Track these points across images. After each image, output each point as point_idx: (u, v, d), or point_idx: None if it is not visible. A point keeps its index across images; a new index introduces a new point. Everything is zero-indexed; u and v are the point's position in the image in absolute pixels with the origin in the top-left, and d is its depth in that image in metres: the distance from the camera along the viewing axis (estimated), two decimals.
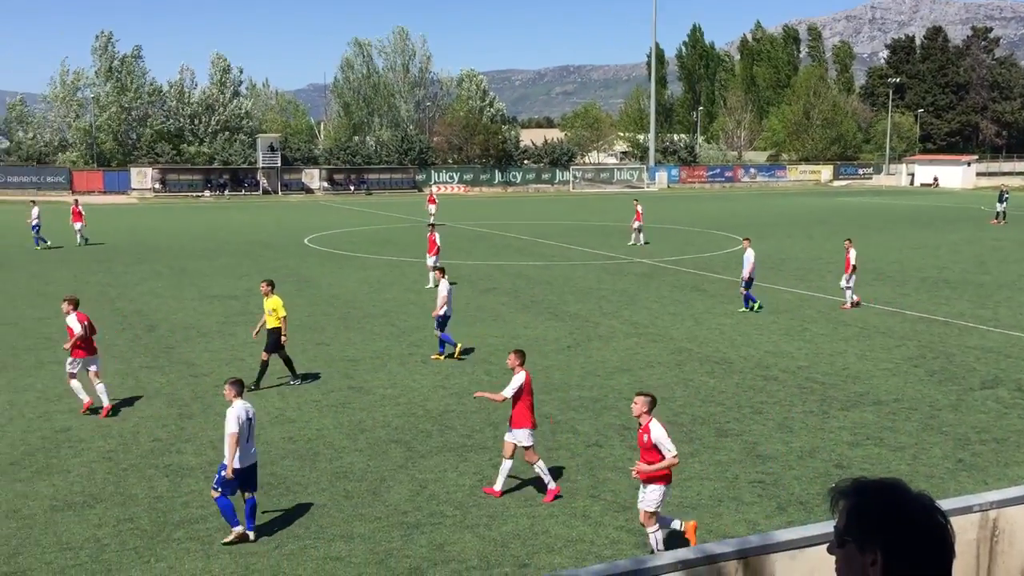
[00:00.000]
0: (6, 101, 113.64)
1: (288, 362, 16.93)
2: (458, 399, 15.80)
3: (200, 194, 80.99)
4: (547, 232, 46.54)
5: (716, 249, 38.84)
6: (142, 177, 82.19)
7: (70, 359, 15.18)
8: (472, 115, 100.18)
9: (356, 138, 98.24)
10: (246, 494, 10.41)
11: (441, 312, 18.84)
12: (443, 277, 19.64)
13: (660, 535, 9.71)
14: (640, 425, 9.74)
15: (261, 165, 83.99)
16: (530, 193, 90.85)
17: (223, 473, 10.21)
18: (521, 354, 11.91)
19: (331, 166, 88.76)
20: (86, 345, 15.15)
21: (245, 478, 10.39)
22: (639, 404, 9.66)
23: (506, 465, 11.53)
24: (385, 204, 70.90)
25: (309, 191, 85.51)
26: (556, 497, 11.42)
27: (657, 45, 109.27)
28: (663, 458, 9.52)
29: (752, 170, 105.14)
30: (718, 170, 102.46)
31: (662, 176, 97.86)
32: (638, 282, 29.66)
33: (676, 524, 9.96)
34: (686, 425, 14.47)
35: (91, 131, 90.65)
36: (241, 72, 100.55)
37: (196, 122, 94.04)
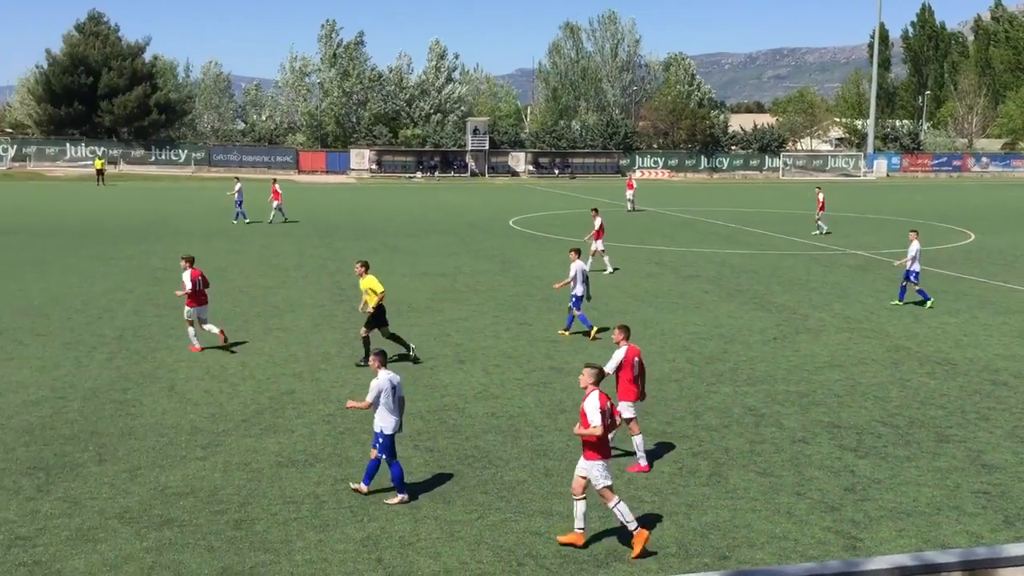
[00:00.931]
0: (242, 86, 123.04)
1: (395, 337, 17.41)
2: (659, 386, 15.68)
3: (412, 175, 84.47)
4: (754, 220, 45.17)
5: (941, 242, 36.33)
6: (360, 158, 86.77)
7: (186, 308, 17.83)
8: (679, 99, 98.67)
9: (562, 122, 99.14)
10: (376, 455, 10.99)
11: (579, 292, 19.32)
12: (577, 258, 19.57)
13: (624, 507, 9.65)
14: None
15: (470, 148, 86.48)
16: (737, 180, 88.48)
17: (381, 434, 10.89)
18: (626, 329, 12.26)
19: (536, 149, 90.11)
20: (198, 296, 17.73)
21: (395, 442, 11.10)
22: (585, 376, 9.86)
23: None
24: (588, 188, 71.17)
25: (515, 174, 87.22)
26: (640, 471, 11.79)
27: (882, 25, 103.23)
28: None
29: (984, 159, 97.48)
30: (945, 159, 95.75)
31: (881, 164, 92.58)
32: (851, 274, 28.27)
33: (632, 525, 9.59)
34: (902, 428, 13.69)
35: (316, 114, 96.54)
36: (457, 58, 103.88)
37: (412, 106, 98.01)
